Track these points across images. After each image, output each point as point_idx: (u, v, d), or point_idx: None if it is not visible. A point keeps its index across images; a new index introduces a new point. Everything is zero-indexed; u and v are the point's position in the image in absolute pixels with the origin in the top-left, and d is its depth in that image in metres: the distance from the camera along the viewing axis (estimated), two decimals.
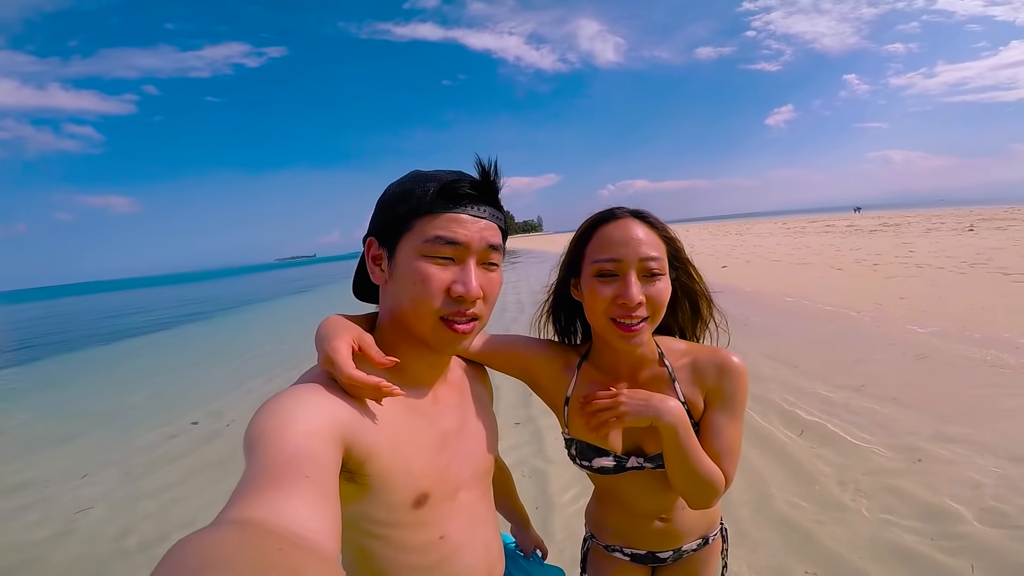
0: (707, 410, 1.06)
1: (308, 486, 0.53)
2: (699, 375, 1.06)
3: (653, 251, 0.97)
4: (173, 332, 14.28)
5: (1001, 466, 2.86)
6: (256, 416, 0.64)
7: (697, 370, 1.06)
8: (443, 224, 0.80)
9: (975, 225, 18.00)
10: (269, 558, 0.39)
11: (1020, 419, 3.40)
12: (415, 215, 0.80)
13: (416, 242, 0.80)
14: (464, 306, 0.81)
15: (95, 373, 9.19)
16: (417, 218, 0.80)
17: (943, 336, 5.36)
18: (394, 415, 0.80)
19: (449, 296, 0.80)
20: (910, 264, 10.46)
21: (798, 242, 19.04)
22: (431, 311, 0.80)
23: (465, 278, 0.80)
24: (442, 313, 0.80)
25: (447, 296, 0.80)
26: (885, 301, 7.26)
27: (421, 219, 0.80)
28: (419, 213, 0.80)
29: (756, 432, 3.63)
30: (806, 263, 12.64)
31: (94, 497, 3.80)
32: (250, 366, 7.88)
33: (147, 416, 5.79)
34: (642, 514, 1.14)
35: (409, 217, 0.81)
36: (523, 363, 1.14)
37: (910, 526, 2.47)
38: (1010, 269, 8.53)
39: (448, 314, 0.81)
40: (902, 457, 3.09)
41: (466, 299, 0.80)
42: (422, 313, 0.80)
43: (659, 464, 1.04)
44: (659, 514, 1.14)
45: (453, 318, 0.81)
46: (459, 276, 0.80)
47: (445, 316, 0.81)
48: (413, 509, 0.80)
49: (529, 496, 3.07)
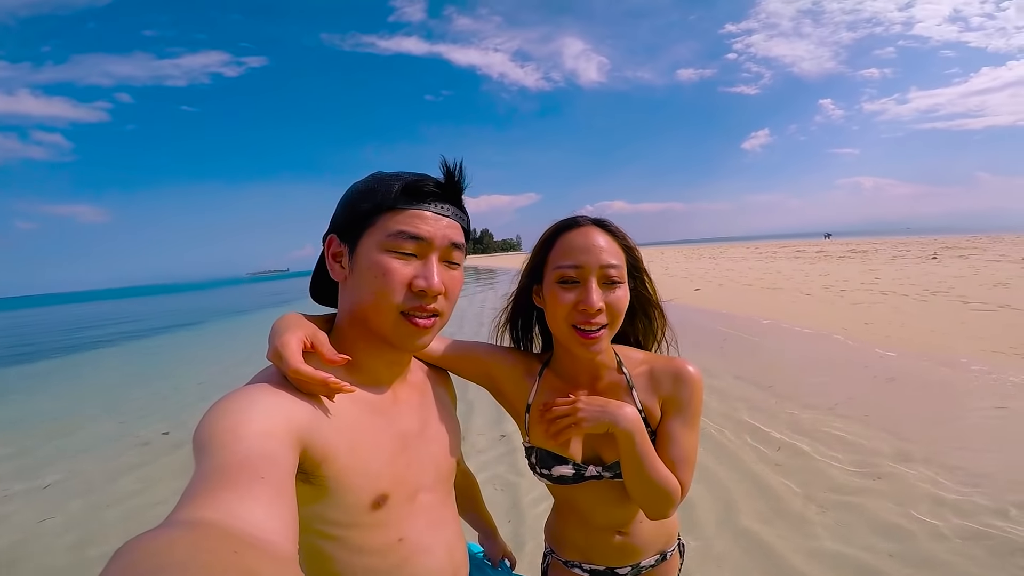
0: (663, 418, 1.07)
1: (263, 487, 0.52)
2: (655, 383, 1.07)
3: (614, 259, 0.98)
4: (140, 344, 13.89)
5: (960, 484, 2.95)
6: (207, 415, 0.62)
7: (654, 378, 1.08)
8: (406, 219, 0.80)
9: (939, 253, 18.67)
10: (224, 560, 0.38)
11: (978, 439, 3.52)
12: (378, 211, 0.81)
13: (379, 237, 0.80)
14: (425, 301, 0.81)
15: (54, 385, 8.85)
16: (380, 214, 0.81)
17: (904, 359, 5.54)
18: (352, 414, 0.79)
19: (411, 290, 0.80)
20: (875, 291, 10.79)
21: (769, 267, 19.48)
22: (392, 305, 0.80)
23: (427, 273, 0.81)
24: (403, 308, 0.81)
25: (408, 290, 0.80)
26: (851, 326, 7.46)
27: (384, 215, 0.80)
28: (382, 209, 0.80)
29: (725, 449, 3.69)
30: (776, 288, 12.91)
31: (55, 507, 3.67)
32: (217, 380, 7.68)
33: (110, 426, 5.60)
34: (600, 527, 1.13)
35: (372, 213, 0.81)
36: (486, 368, 1.13)
37: (869, 543, 2.52)
38: (970, 297, 8.87)
39: (409, 309, 0.81)
40: (863, 474, 3.17)
41: (428, 293, 0.81)
42: (383, 307, 0.80)
43: (617, 473, 1.04)
44: (617, 528, 1.13)
45: (414, 313, 0.81)
46: (421, 271, 0.81)
47: (406, 311, 0.81)
48: (371, 510, 0.79)
49: (501, 508, 3.07)
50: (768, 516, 2.83)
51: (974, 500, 2.79)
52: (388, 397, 0.89)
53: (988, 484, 2.94)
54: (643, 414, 1.05)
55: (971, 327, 6.73)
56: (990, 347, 5.70)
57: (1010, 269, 12.62)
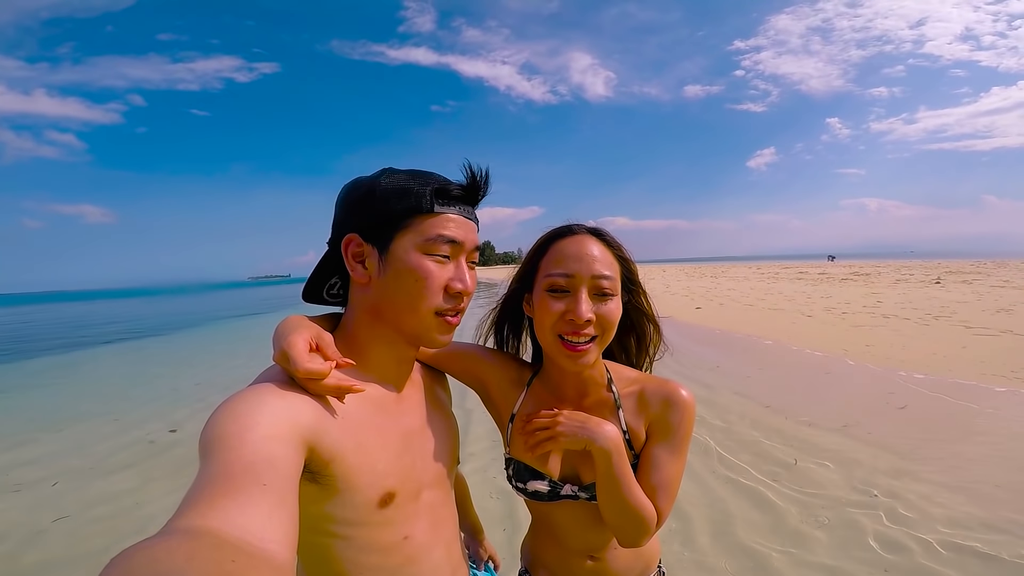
0: (648, 442, 1.02)
1: (264, 494, 0.52)
2: (644, 405, 1.03)
3: (606, 270, 0.95)
4: (139, 344, 13.89)
5: (957, 503, 2.95)
6: (215, 417, 0.62)
7: (643, 400, 1.03)
8: (443, 223, 0.82)
9: (942, 278, 18.65)
10: (221, 569, 0.38)
11: (974, 460, 3.51)
12: (413, 213, 0.81)
13: (415, 239, 0.81)
14: (459, 302, 0.85)
15: (53, 382, 8.85)
16: (414, 216, 0.81)
17: (906, 380, 5.52)
18: (358, 413, 0.79)
19: (447, 292, 0.83)
20: (877, 314, 10.77)
21: (771, 288, 19.47)
22: (430, 307, 0.82)
23: (461, 275, 0.84)
24: (439, 309, 0.83)
25: (446, 292, 0.83)
26: (851, 348, 7.44)
27: (419, 217, 0.81)
28: (419, 211, 0.81)
29: (722, 463, 3.68)
30: (778, 309, 12.89)
31: (47, 504, 3.66)
32: (215, 382, 7.68)
33: (105, 424, 5.59)
34: (573, 550, 1.09)
35: (406, 215, 0.81)
36: (478, 370, 1.11)
37: (864, 557, 2.52)
38: (972, 323, 8.85)
39: (443, 309, 0.84)
40: (861, 491, 3.16)
41: (464, 295, 0.85)
42: (421, 309, 0.82)
43: (593, 495, 1.01)
44: (590, 552, 1.09)
45: (446, 313, 0.85)
46: (455, 274, 0.84)
47: (440, 311, 0.84)
48: (379, 508, 0.79)
49: (497, 518, 3.06)
50: (764, 531, 2.82)
51: (972, 517, 2.79)
52: (394, 396, 0.90)
53: (985, 503, 2.93)
54: (627, 435, 1.02)
55: (973, 351, 6.71)
56: (991, 371, 5.68)
57: (1014, 295, 12.60)
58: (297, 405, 0.69)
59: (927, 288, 15.65)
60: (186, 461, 4.36)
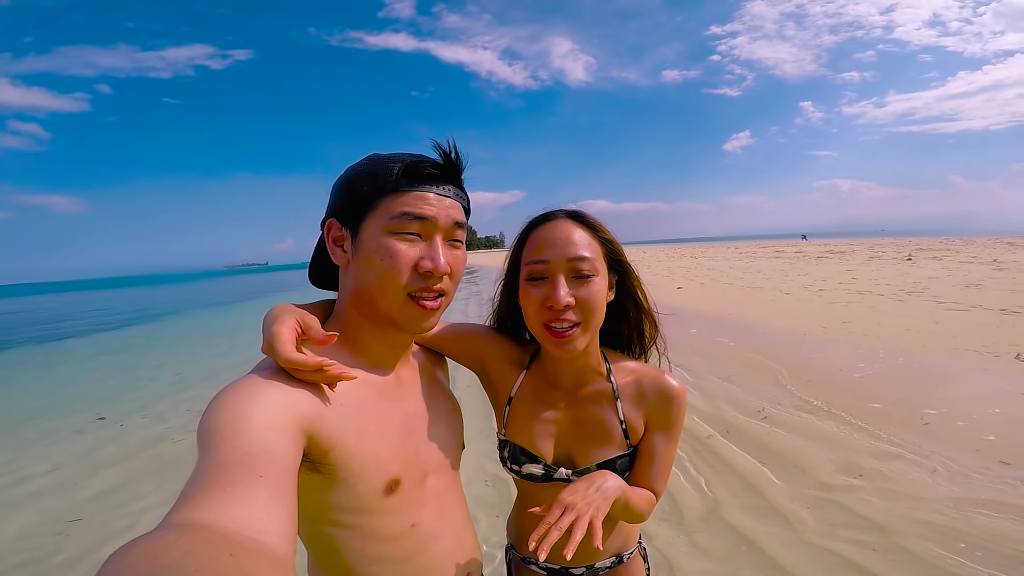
0: (647, 434, 1.04)
1: (261, 486, 0.51)
2: (642, 397, 1.04)
3: (584, 251, 0.94)
4: (115, 335, 13.58)
5: (942, 480, 3.03)
6: (211, 407, 0.61)
7: (640, 392, 1.04)
8: (410, 201, 0.80)
9: (913, 255, 19.08)
10: (220, 563, 0.38)
11: (961, 438, 3.59)
12: (381, 194, 0.80)
13: (382, 219, 0.79)
14: (431, 282, 0.81)
15: (27, 375, 8.63)
16: (383, 196, 0.80)
17: (885, 357, 5.64)
18: (357, 398, 0.78)
19: (417, 272, 0.80)
20: (852, 291, 11.00)
21: (749, 266, 19.75)
22: (399, 288, 0.80)
23: (433, 254, 0.81)
24: (410, 289, 0.80)
25: (415, 272, 0.80)
26: (829, 324, 7.60)
27: (387, 197, 0.80)
28: (385, 192, 0.80)
29: (710, 446, 3.74)
30: (757, 287, 13.09)
31: (29, 501, 3.57)
32: (194, 372, 7.56)
33: (85, 418, 5.46)
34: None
35: (374, 196, 0.80)
36: (478, 350, 1.11)
37: (852, 537, 2.57)
38: (943, 298, 9.10)
39: (416, 290, 0.81)
40: (848, 471, 3.23)
41: (434, 274, 0.81)
42: (390, 290, 0.80)
43: None
44: None
45: (420, 294, 0.81)
46: (427, 252, 0.81)
47: (413, 293, 0.81)
48: (385, 496, 0.78)
49: (490, 503, 3.09)
50: (754, 511, 2.88)
51: (956, 495, 2.86)
52: (392, 379, 0.88)
53: (970, 481, 3.01)
54: (624, 425, 1.03)
55: (945, 326, 6.89)
56: (963, 345, 5.84)
57: (982, 271, 12.97)
58: (293, 393, 0.68)
59: (899, 265, 16.03)
60: (171, 456, 4.29)
